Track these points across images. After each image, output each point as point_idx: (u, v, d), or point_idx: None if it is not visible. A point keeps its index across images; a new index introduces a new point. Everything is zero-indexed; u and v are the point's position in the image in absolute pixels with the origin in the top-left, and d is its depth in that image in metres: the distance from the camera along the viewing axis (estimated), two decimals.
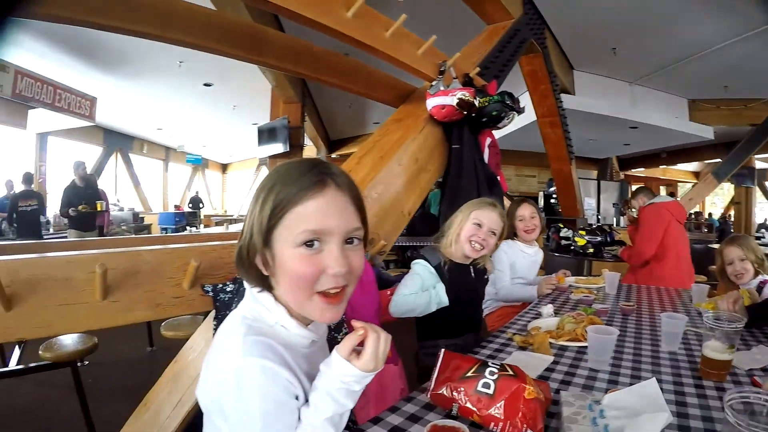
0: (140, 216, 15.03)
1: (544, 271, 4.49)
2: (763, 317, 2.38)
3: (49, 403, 3.99)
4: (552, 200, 10.47)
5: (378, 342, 1.07)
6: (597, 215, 12.46)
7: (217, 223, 15.31)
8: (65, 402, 3.86)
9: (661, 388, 1.47)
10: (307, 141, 12.59)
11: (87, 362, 4.61)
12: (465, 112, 3.67)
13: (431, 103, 3.70)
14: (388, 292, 2.62)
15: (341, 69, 3.86)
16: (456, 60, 4.04)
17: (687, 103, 11.36)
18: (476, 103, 3.70)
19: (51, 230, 9.94)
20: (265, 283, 1.13)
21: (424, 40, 3.68)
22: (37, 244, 3.38)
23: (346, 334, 1.90)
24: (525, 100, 7.67)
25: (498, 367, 1.35)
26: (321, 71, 3.73)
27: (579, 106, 9.19)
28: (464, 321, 2.60)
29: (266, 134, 9.63)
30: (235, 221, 15.24)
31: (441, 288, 2.46)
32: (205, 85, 10.93)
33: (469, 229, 2.51)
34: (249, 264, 1.11)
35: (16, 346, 4.21)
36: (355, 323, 1.10)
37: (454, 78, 3.90)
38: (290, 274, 1.06)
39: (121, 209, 14.44)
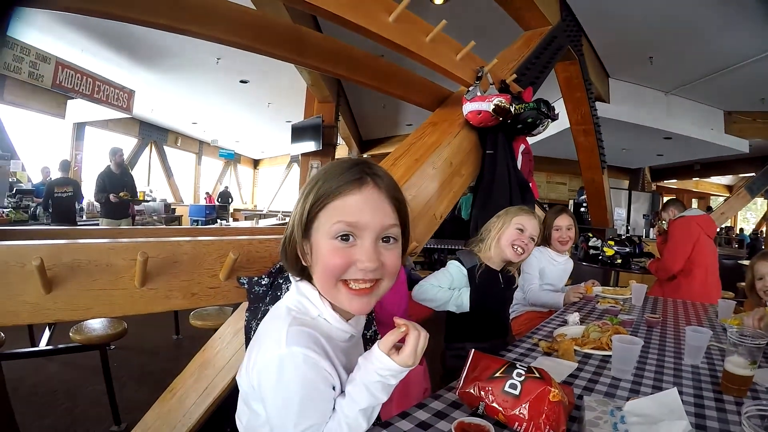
0: (171, 207, 15.25)
1: (572, 280, 4.51)
2: None
3: (74, 384, 4.08)
4: (582, 209, 10.42)
5: (418, 339, 1.12)
6: (627, 226, 12.36)
7: (247, 218, 15.38)
8: (90, 384, 3.98)
9: (682, 400, 1.51)
10: (340, 140, 12.65)
11: (113, 346, 4.71)
12: (500, 119, 3.69)
13: (467, 108, 3.73)
14: None
15: (380, 71, 3.90)
16: (493, 66, 4.05)
17: (723, 114, 11.14)
18: (512, 109, 3.72)
19: (84, 217, 10.07)
20: (304, 274, 1.20)
21: (461, 44, 3.72)
22: (75, 230, 3.48)
23: (375, 332, 1.97)
24: (559, 107, 7.65)
25: (525, 369, 1.39)
26: (360, 73, 3.78)
27: (614, 114, 9.14)
28: (491, 326, 2.65)
29: (300, 132, 9.71)
30: (264, 216, 15.36)
31: (465, 293, 2.54)
32: (242, 82, 11.06)
33: (511, 233, 2.57)
34: (291, 254, 1.18)
35: (47, 328, 4.33)
36: (397, 320, 1.14)
37: (491, 84, 3.93)
38: (323, 264, 1.12)
39: (154, 200, 14.61)
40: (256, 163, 24.82)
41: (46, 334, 4.35)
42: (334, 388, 1.13)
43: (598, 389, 1.70)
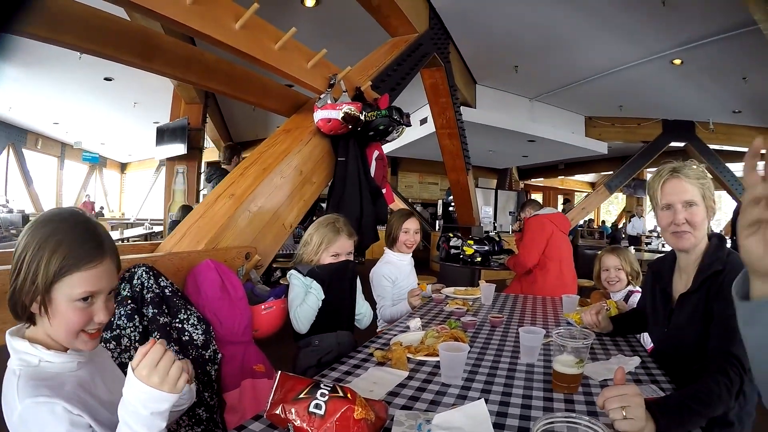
0: (30, 219, 14.10)
1: (435, 278, 4.56)
2: (626, 327, 2.54)
3: None
4: (450, 208, 10.73)
5: (153, 352, 1.14)
6: (494, 223, 12.84)
7: (113, 227, 14.30)
8: None
9: (508, 402, 1.61)
10: (209, 143, 12.33)
11: None
12: (350, 126, 3.73)
13: (318, 116, 3.75)
14: (262, 307, 2.69)
15: (233, 78, 3.82)
16: (349, 72, 4.08)
17: (584, 119, 12.12)
18: (362, 117, 3.77)
19: None
20: (30, 319, 1.24)
21: (329, 50, 3.74)
22: None
23: (215, 350, 1.93)
24: (427, 112, 7.84)
25: (329, 388, 1.38)
26: (211, 79, 3.68)
27: (480, 119, 9.50)
28: (336, 317, 2.72)
29: (165, 135, 9.27)
30: (132, 225, 14.79)
31: (314, 283, 2.60)
32: (106, 79, 10.50)
33: (329, 260, 2.72)
34: (23, 305, 1.20)
35: None
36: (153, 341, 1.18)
37: (344, 91, 3.96)
38: (66, 321, 1.21)
39: (11, 211, 13.49)
40: (123, 167, 23.39)
41: None
42: (91, 426, 1.17)
43: (425, 398, 1.71)
